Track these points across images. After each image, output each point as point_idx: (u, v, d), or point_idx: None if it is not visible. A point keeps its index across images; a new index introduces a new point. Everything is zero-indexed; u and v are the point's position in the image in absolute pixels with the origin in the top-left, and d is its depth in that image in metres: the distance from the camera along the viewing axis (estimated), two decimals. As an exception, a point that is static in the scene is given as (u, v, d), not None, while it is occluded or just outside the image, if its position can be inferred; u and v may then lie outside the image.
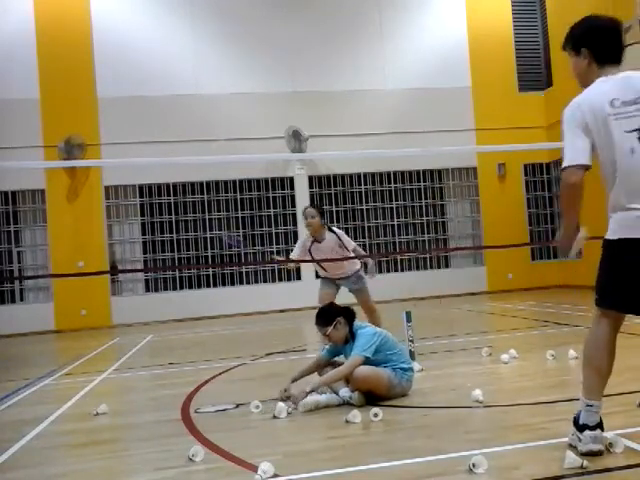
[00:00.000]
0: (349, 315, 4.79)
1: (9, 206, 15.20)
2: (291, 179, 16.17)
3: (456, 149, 16.31)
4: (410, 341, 6.21)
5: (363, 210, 16.54)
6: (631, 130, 2.85)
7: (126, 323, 14.90)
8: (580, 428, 3.03)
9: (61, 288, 14.73)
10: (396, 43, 16.63)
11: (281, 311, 15.14)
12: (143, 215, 15.78)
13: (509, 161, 16.62)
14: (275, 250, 15.99)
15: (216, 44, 16.00)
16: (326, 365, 4.86)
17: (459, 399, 4.50)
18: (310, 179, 16.23)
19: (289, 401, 4.48)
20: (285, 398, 4.55)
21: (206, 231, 15.89)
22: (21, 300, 15.25)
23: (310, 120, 15.65)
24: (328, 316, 4.76)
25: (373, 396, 4.52)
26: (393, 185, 16.67)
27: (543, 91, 17.09)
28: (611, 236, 2.92)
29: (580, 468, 2.85)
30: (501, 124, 16.17)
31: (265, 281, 15.96)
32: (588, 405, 3.01)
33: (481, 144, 15.73)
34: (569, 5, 15.43)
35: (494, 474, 2.93)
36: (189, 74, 15.82)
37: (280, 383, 4.82)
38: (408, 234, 16.75)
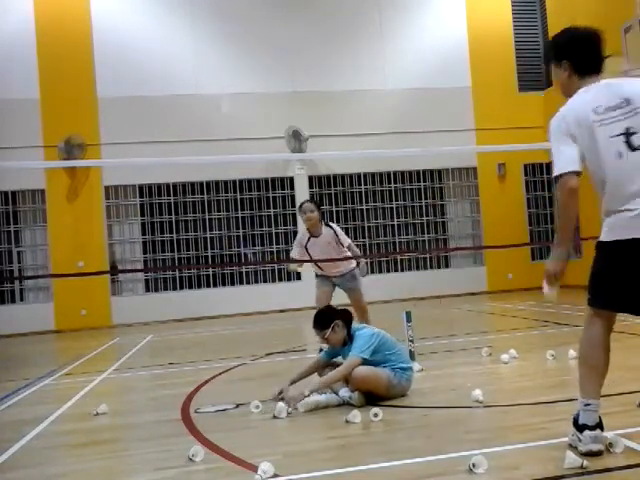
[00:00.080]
0: (346, 317, 4.79)
1: (9, 206, 15.21)
2: (291, 179, 16.17)
3: (456, 149, 16.31)
4: (410, 341, 6.21)
5: (363, 210, 16.54)
6: (616, 135, 2.88)
7: (126, 323, 14.90)
8: (580, 428, 3.04)
9: (61, 288, 14.73)
10: (396, 43, 16.64)
11: (281, 311, 15.14)
12: (143, 215, 15.78)
13: (509, 161, 16.63)
14: (275, 250, 16.00)
15: (216, 44, 16.00)
16: (325, 366, 4.85)
17: (459, 399, 4.50)
18: (310, 179, 16.24)
19: (284, 402, 4.44)
20: (279, 399, 4.52)
21: (206, 231, 15.89)
22: (21, 300, 15.25)
23: (310, 120, 15.65)
24: (326, 319, 4.75)
25: (373, 396, 4.52)
26: (393, 185, 16.67)
27: (543, 91, 17.08)
28: (605, 238, 2.94)
29: (580, 468, 2.85)
30: (501, 124, 16.17)
31: (265, 281, 15.96)
32: (586, 404, 3.02)
33: (481, 144, 15.73)
34: (569, 5, 15.43)
35: (494, 474, 2.93)
36: (189, 74, 15.82)
37: (280, 383, 4.82)
38: (408, 234, 16.75)
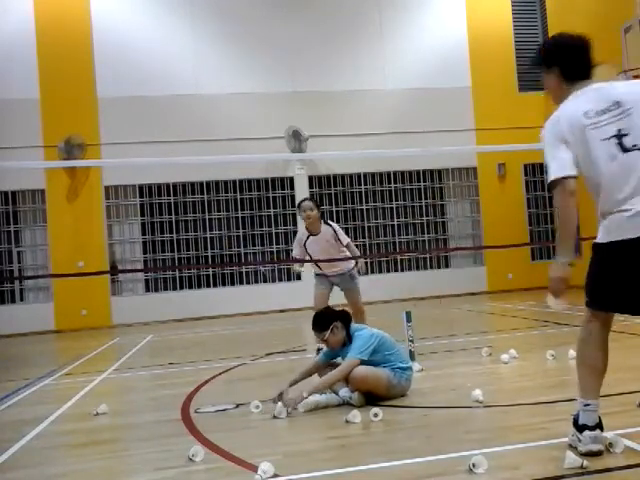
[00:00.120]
0: (345, 319, 4.79)
1: (9, 206, 15.20)
2: (291, 179, 16.17)
3: (456, 149, 16.30)
4: (410, 341, 6.21)
5: (363, 210, 16.54)
6: (608, 137, 2.91)
7: (126, 323, 14.90)
8: (579, 428, 3.04)
9: (61, 288, 14.73)
10: (396, 43, 16.63)
11: (281, 311, 15.14)
12: (143, 215, 15.78)
13: (509, 161, 16.62)
14: (275, 250, 16.00)
15: (216, 44, 16.00)
16: (326, 367, 4.82)
17: (459, 399, 4.50)
18: (310, 179, 16.23)
19: (283, 404, 4.41)
20: (279, 401, 4.48)
21: (206, 231, 15.89)
22: (21, 300, 15.25)
23: (310, 120, 15.65)
24: (325, 321, 4.74)
25: (373, 396, 4.52)
26: (393, 185, 16.67)
27: (543, 91, 17.05)
28: (601, 240, 2.95)
29: (580, 468, 2.85)
30: (501, 124, 16.16)
31: (265, 281, 15.96)
32: (585, 405, 3.02)
33: (481, 144, 15.73)
34: (569, 5, 15.43)
35: (494, 474, 2.93)
36: (189, 74, 15.82)
37: (280, 383, 4.82)
38: (408, 234, 16.75)
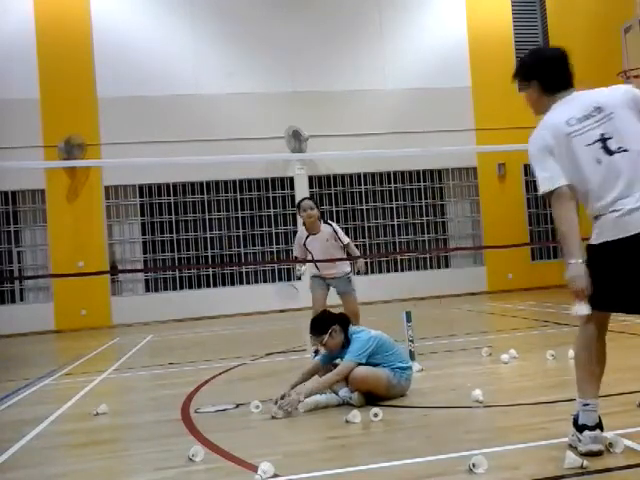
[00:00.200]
0: (344, 322, 4.78)
1: (9, 206, 15.20)
2: (291, 179, 16.17)
3: (456, 149, 16.30)
4: (410, 341, 6.20)
5: (363, 210, 16.53)
6: (592, 142, 2.93)
7: (126, 323, 14.89)
8: (579, 428, 3.04)
9: (61, 288, 14.73)
10: (396, 43, 16.63)
11: (281, 311, 15.13)
12: (143, 215, 15.78)
13: (509, 161, 16.62)
14: (275, 250, 16.00)
15: (216, 44, 16.00)
16: (326, 369, 4.79)
17: (459, 399, 4.50)
18: (310, 179, 16.23)
19: (282, 407, 4.38)
20: (277, 403, 4.43)
21: (206, 231, 15.89)
22: (21, 300, 15.25)
23: (310, 120, 15.64)
24: (323, 325, 4.73)
25: (373, 396, 4.52)
26: (393, 185, 16.67)
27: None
28: (595, 241, 2.97)
29: (580, 468, 2.85)
30: (501, 124, 16.14)
31: (265, 281, 15.95)
32: (584, 405, 3.03)
33: (481, 144, 15.72)
34: (569, 5, 15.44)
35: (494, 474, 2.93)
36: (189, 74, 15.82)
37: (280, 383, 4.82)
38: (408, 234, 16.74)
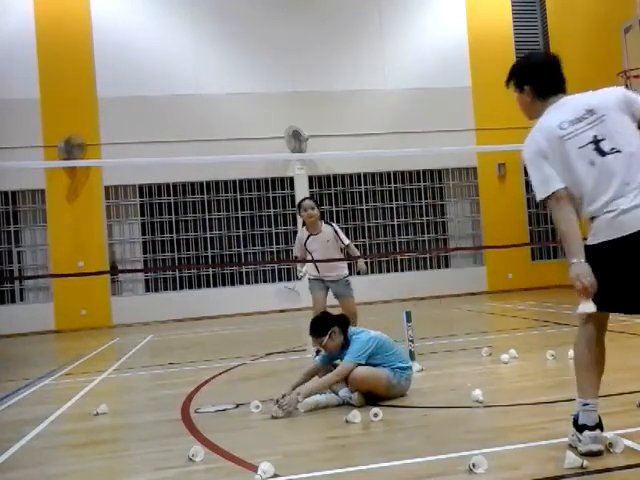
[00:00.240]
0: (343, 323, 4.78)
1: (9, 206, 15.21)
2: (291, 179, 16.17)
3: (456, 149, 16.30)
4: (410, 341, 6.20)
5: (363, 210, 16.54)
6: (585, 144, 2.95)
7: (126, 323, 14.90)
8: (579, 428, 3.04)
9: (61, 288, 14.73)
10: (396, 43, 16.63)
11: (281, 311, 15.13)
12: (143, 215, 15.78)
13: (509, 161, 16.62)
14: (275, 250, 16.00)
15: (216, 44, 16.00)
16: (326, 369, 4.79)
17: (459, 399, 4.49)
18: (310, 179, 16.23)
19: (281, 406, 4.37)
20: (277, 403, 4.42)
21: (206, 231, 15.89)
22: (21, 300, 15.25)
23: (310, 120, 15.65)
24: (323, 327, 4.72)
25: (373, 396, 4.52)
26: (393, 185, 16.67)
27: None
28: (591, 242, 2.98)
29: (580, 468, 2.85)
30: (501, 124, 16.13)
31: (265, 281, 15.95)
32: (584, 404, 3.03)
33: (481, 144, 15.73)
34: (569, 5, 15.44)
35: (494, 474, 2.93)
36: (189, 74, 15.82)
37: (280, 383, 4.81)
38: (408, 234, 16.74)
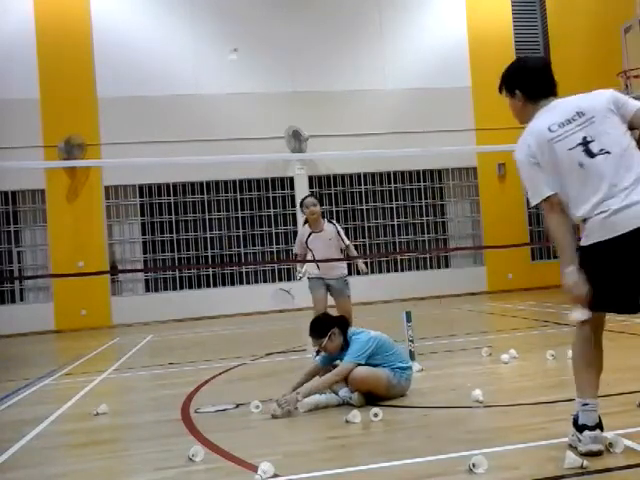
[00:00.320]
0: (343, 324, 4.79)
1: (9, 206, 15.21)
2: (291, 179, 16.17)
3: (456, 149, 16.30)
4: (410, 341, 6.20)
5: (363, 210, 16.54)
6: (574, 146, 2.97)
7: (126, 323, 14.90)
8: (579, 429, 3.04)
9: (61, 288, 14.73)
10: (396, 43, 16.64)
11: (281, 311, 15.11)
12: (143, 215, 15.78)
13: (509, 161, 16.58)
14: (275, 250, 16.00)
15: (216, 44, 16.00)
16: (326, 370, 4.78)
17: (459, 399, 4.49)
18: (310, 179, 16.23)
19: (280, 405, 4.37)
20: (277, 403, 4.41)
21: (206, 231, 15.89)
22: (21, 300, 15.25)
23: (310, 120, 15.65)
24: (323, 328, 4.72)
25: (373, 396, 4.52)
26: (393, 185, 16.67)
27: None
28: (585, 243, 2.99)
29: (580, 468, 2.85)
30: (501, 124, 16.03)
31: (265, 281, 15.95)
32: (584, 404, 3.03)
33: (481, 144, 15.72)
34: (569, 5, 15.44)
35: (494, 474, 2.93)
36: (189, 74, 15.82)
37: (280, 383, 4.81)
38: (408, 234, 16.75)
